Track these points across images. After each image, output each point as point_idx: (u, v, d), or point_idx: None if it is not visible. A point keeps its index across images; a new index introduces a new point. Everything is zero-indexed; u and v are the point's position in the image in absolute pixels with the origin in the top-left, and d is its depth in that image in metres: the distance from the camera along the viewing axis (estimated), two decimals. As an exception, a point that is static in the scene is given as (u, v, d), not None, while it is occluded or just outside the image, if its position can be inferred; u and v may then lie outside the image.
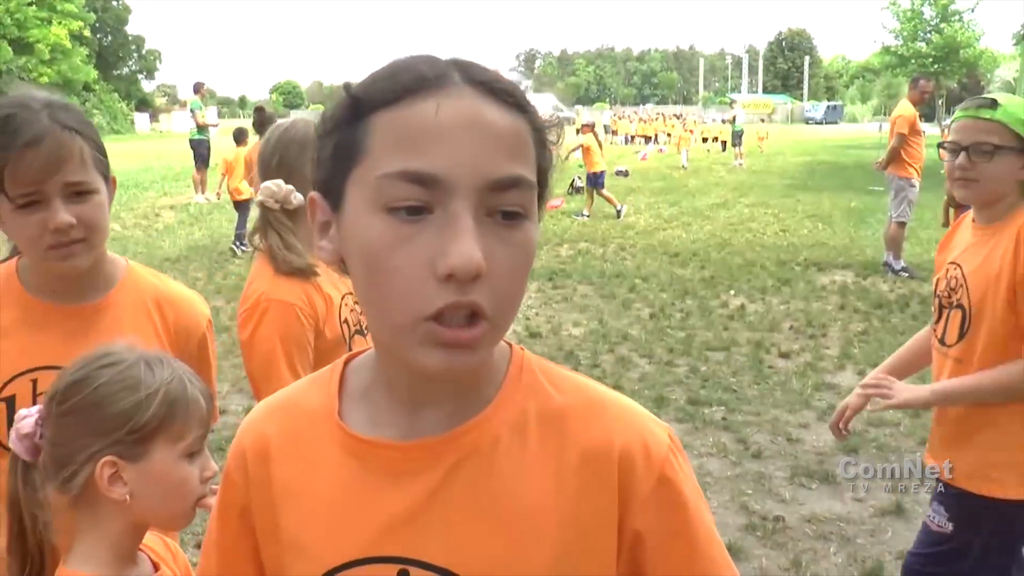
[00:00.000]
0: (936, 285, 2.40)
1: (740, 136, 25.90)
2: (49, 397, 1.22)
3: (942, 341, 2.33)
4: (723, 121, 31.68)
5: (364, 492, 0.84)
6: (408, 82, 0.75)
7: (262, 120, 12.56)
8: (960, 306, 2.26)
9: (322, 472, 0.86)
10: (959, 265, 2.29)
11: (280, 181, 1.95)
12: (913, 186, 8.81)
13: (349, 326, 1.97)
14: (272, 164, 1.98)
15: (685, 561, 0.84)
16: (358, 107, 0.77)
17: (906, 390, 2.33)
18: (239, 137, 11.80)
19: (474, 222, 0.72)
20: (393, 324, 0.75)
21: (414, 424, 0.84)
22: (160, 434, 1.20)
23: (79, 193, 1.40)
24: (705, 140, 33.51)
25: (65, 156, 1.37)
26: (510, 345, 0.89)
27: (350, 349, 1.80)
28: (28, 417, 1.22)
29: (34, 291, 1.50)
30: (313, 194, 0.81)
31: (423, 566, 0.81)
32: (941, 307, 2.35)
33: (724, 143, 33.52)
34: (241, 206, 10.94)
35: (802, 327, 7.02)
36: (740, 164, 24.30)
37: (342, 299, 1.97)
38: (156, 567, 1.29)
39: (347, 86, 0.79)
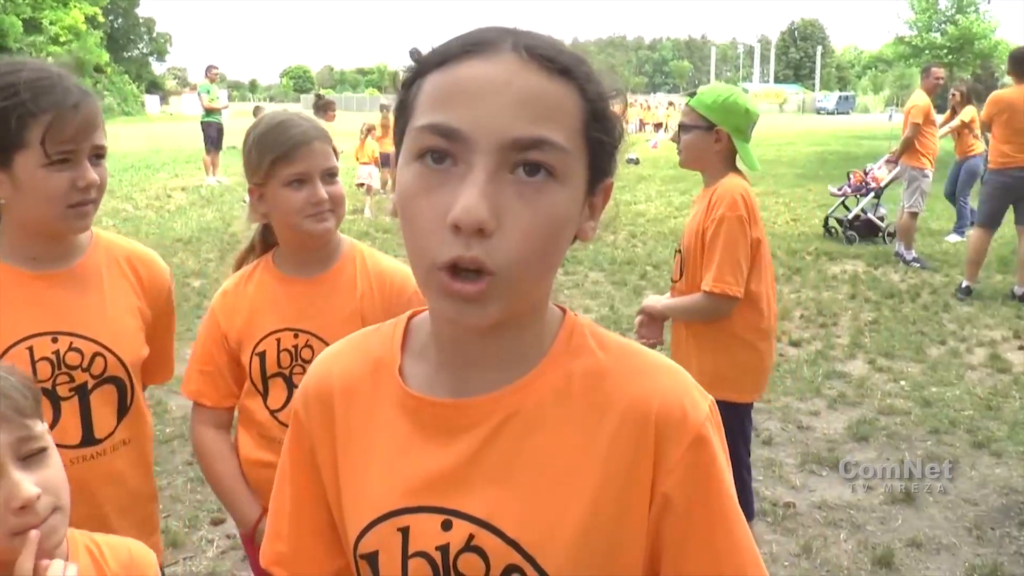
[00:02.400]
0: None
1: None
2: None
3: (672, 279, 3.09)
4: None
5: (415, 446, 0.88)
6: (459, 47, 0.78)
7: (322, 105, 12.55)
8: (679, 251, 3.00)
9: (378, 423, 0.91)
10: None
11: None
12: (927, 176, 8.77)
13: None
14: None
15: (705, 530, 0.85)
16: (416, 70, 0.81)
17: (650, 300, 3.09)
18: (323, 109, 11.59)
19: (487, 177, 0.74)
20: (416, 271, 0.79)
21: (464, 384, 0.87)
22: None
23: (98, 156, 1.53)
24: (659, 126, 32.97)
25: (98, 120, 1.51)
26: (563, 310, 0.91)
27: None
28: None
29: (13, 261, 1.56)
30: None
31: (465, 518, 0.85)
32: (676, 252, 3.07)
33: None
34: None
35: (813, 316, 7.01)
36: None
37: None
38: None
39: (413, 52, 0.83)
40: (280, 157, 1.75)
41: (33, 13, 44.91)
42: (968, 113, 9.67)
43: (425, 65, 0.80)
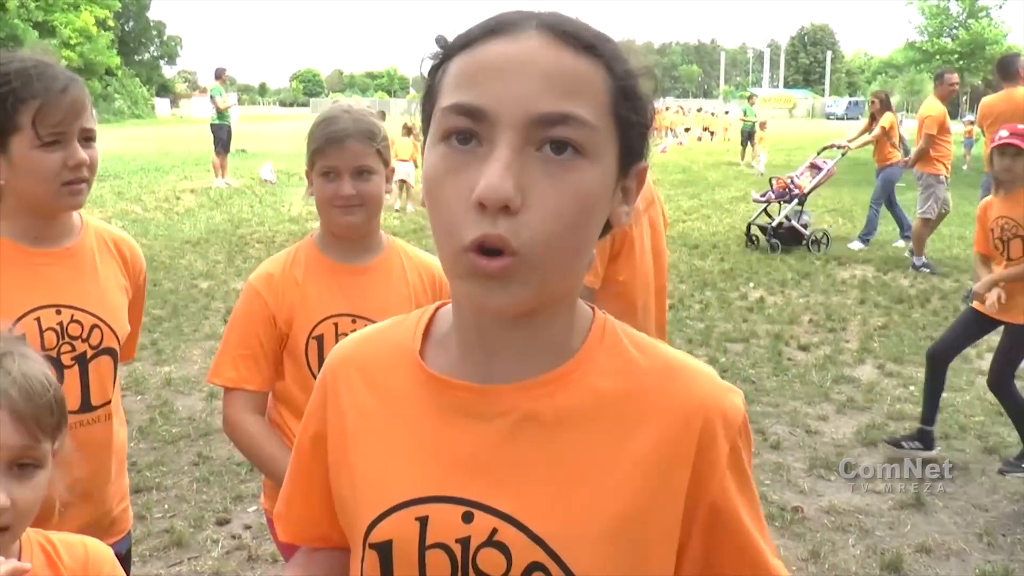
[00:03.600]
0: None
1: (751, 133, 21.10)
2: None
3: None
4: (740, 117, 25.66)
5: (436, 431, 0.85)
6: (482, 29, 0.78)
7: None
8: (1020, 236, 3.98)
9: (398, 407, 0.88)
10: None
11: None
12: (941, 183, 8.73)
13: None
14: None
15: (741, 536, 0.84)
16: (442, 55, 0.80)
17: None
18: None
19: (512, 154, 0.73)
20: (443, 255, 0.77)
21: (489, 371, 0.84)
22: None
23: (88, 139, 1.64)
24: (688, 130, 32.97)
25: (85, 103, 1.63)
26: (594, 309, 0.89)
27: None
28: None
29: (15, 239, 1.67)
30: None
31: (487, 510, 0.81)
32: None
33: (712, 133, 32.56)
34: None
35: (821, 320, 6.98)
36: (759, 170, 19.17)
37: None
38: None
39: (439, 38, 0.82)
40: (317, 150, 1.88)
41: (44, 16, 45.15)
42: (887, 119, 9.62)
43: (450, 49, 0.80)
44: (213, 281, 8.10)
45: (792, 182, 10.14)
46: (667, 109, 37.27)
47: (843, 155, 10.66)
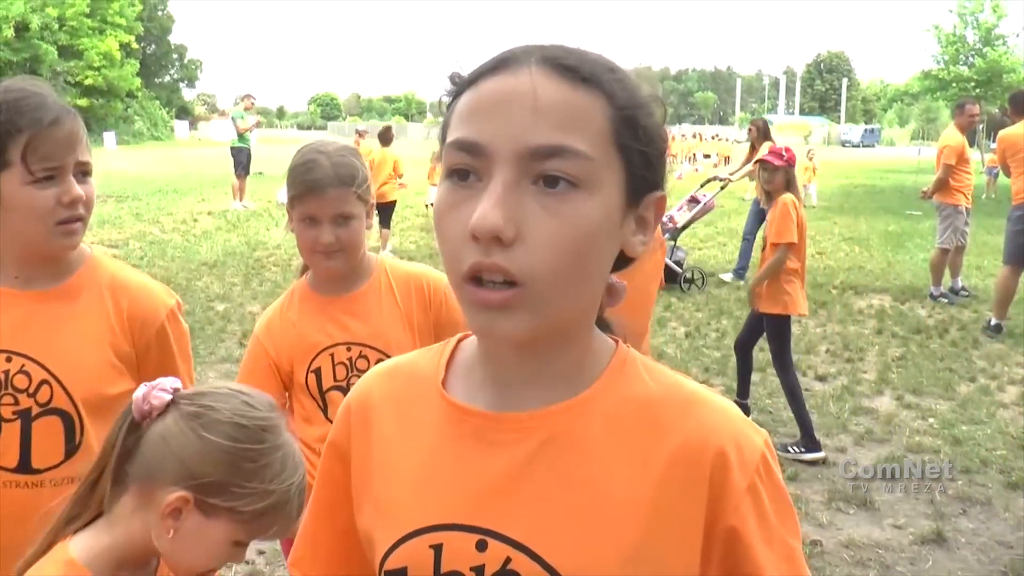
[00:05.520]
0: None
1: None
2: (198, 418, 1.20)
3: None
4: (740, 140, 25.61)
5: (454, 459, 0.86)
6: (488, 65, 0.80)
7: (388, 136, 12.80)
8: None
9: (418, 435, 0.89)
10: None
11: None
12: (960, 213, 8.67)
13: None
14: None
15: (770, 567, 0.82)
16: (454, 92, 0.82)
17: None
18: (385, 137, 11.54)
19: (506, 188, 0.74)
20: (451, 284, 0.79)
21: (506, 399, 0.85)
22: None
23: (84, 173, 1.52)
24: (707, 157, 32.87)
25: (80, 137, 1.50)
26: (616, 341, 0.89)
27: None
28: (164, 391, 1.22)
29: (8, 283, 1.54)
30: None
31: (502, 539, 0.82)
32: None
33: (728, 159, 32.43)
34: (383, 209, 10.42)
35: (839, 350, 6.93)
36: (813, 202, 17.88)
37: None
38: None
39: (452, 75, 0.83)
40: (296, 196, 1.91)
41: (71, 40, 45.81)
42: (766, 148, 9.49)
43: (461, 86, 0.82)
44: (229, 304, 8.12)
45: (670, 218, 9.53)
46: (683, 137, 37.42)
47: (722, 188, 10.32)
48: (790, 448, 4.70)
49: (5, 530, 1.42)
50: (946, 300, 8.67)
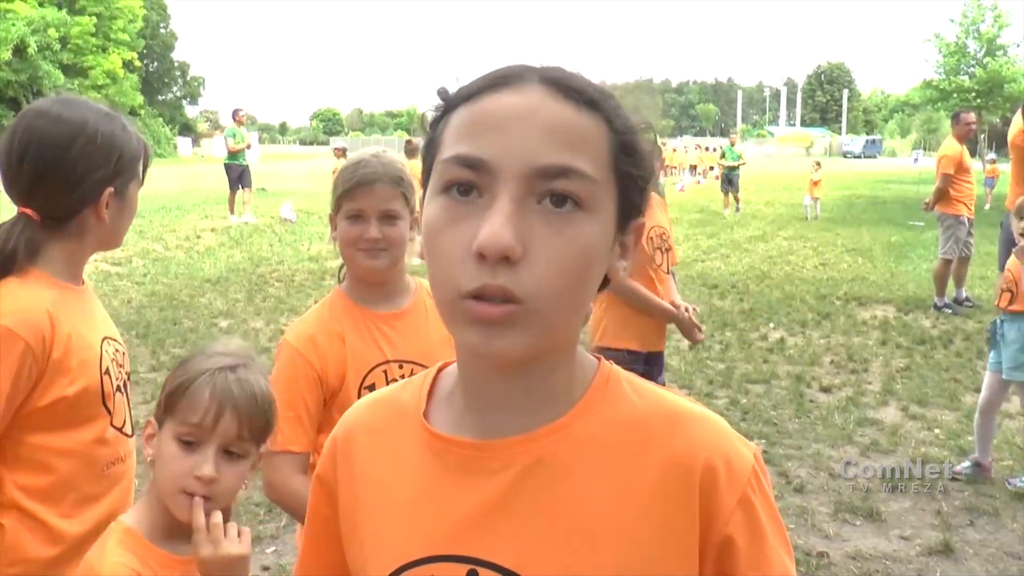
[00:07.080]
0: None
1: (734, 180, 18.84)
2: None
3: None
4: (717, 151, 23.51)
5: (439, 490, 0.85)
6: (485, 82, 0.79)
7: (411, 149, 12.92)
8: None
9: (402, 467, 0.88)
10: None
11: None
12: (962, 224, 8.67)
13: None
14: None
15: None
16: (444, 107, 0.81)
17: None
18: (409, 150, 11.46)
19: (513, 206, 0.73)
20: (440, 302, 0.78)
21: (490, 425, 0.84)
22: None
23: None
24: (711, 169, 32.86)
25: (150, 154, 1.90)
26: (598, 359, 0.88)
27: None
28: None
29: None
30: None
31: (492, 567, 0.81)
32: None
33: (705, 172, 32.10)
34: None
35: (843, 361, 6.91)
36: (816, 214, 18.23)
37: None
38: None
39: (440, 90, 0.83)
40: (344, 193, 1.90)
41: (75, 59, 46.04)
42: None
43: (452, 101, 0.81)
44: (233, 320, 8.13)
45: None
46: (686, 150, 37.43)
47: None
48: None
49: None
50: (950, 311, 8.66)
